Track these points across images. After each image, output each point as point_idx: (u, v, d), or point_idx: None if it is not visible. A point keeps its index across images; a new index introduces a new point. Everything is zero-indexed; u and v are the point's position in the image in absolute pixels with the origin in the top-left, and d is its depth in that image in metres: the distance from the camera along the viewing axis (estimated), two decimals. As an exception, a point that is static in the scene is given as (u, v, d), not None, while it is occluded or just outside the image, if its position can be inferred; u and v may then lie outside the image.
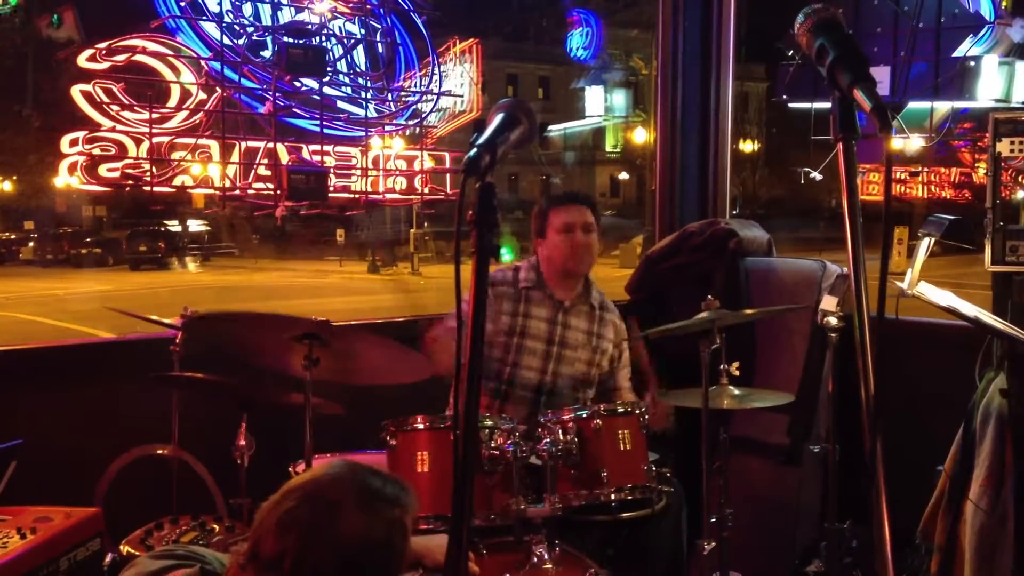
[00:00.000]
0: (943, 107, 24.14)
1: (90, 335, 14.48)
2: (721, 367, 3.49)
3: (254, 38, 5.62)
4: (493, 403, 3.75)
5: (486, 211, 1.40)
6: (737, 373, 3.55)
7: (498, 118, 1.56)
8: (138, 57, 5.17)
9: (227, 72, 5.40)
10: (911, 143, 23.39)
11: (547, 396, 3.81)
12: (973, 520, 3.45)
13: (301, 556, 1.74)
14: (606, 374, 3.99)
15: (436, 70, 6.37)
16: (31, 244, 35.81)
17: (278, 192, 5.36)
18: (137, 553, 3.18)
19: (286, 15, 5.77)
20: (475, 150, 1.46)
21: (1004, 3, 23.30)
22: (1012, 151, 3.68)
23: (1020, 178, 3.86)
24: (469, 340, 1.38)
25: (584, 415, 3.13)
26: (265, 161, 5.42)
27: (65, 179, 5.05)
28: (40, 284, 26.86)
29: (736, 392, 3.49)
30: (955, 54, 23.63)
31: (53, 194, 31.49)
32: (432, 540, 2.62)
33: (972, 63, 23.07)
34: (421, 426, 3.07)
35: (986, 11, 23.75)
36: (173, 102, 5.28)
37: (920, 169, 28.32)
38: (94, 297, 22.69)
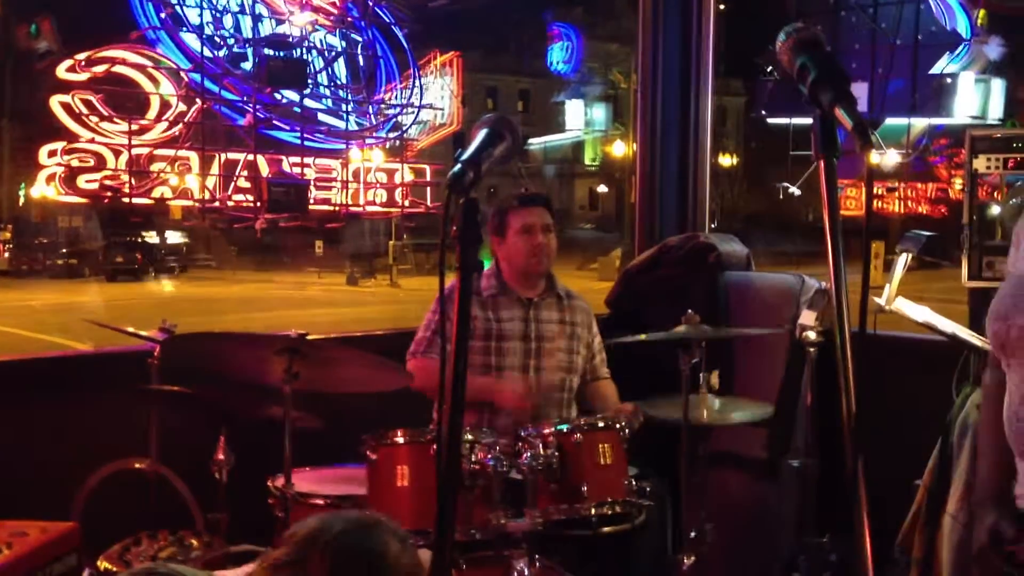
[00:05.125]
0: (920, 123, 24.40)
1: (67, 347, 14.37)
2: (701, 375, 3.51)
3: (235, 50, 5.63)
4: (482, 416, 3.73)
5: (470, 227, 1.41)
6: (717, 384, 3.57)
7: (482, 133, 1.56)
8: (117, 68, 5.17)
9: (207, 84, 5.40)
10: (888, 159, 23.60)
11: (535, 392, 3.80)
12: (951, 534, 3.47)
13: None
14: (586, 360, 4.00)
15: (417, 83, 6.39)
16: (6, 255, 35.54)
17: (258, 204, 5.36)
18: (115, 569, 3.15)
19: (267, 27, 5.78)
20: (459, 166, 1.46)
21: (980, 21, 23.58)
22: (988, 167, 3.72)
23: (996, 194, 3.90)
24: (453, 355, 1.38)
25: (565, 429, 3.13)
26: (245, 173, 5.41)
27: (42, 190, 5.02)
28: (15, 295, 26.65)
29: (715, 404, 3.50)
30: (932, 71, 23.90)
31: (30, 204, 31.30)
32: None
33: (949, 80, 23.33)
34: (401, 440, 3.06)
35: (963, 29, 24.03)
36: (153, 114, 5.28)
37: (897, 184, 28.57)
38: (70, 308, 22.52)
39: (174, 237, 36.95)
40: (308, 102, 5.87)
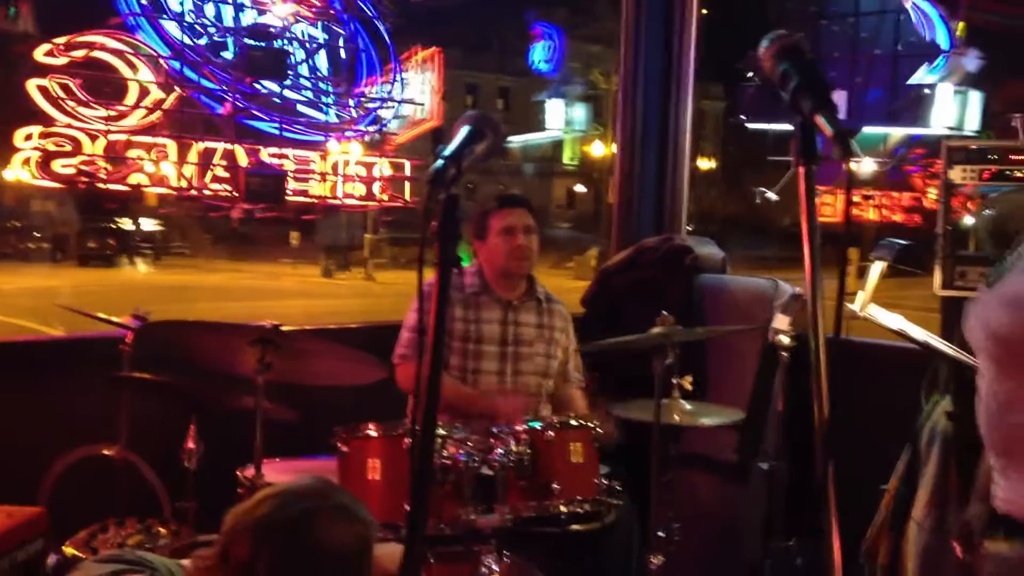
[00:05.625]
0: (897, 133, 24.58)
1: (38, 331, 14.24)
2: (673, 380, 3.52)
3: (215, 39, 5.60)
4: (455, 417, 3.72)
5: (450, 223, 1.41)
6: (690, 387, 3.58)
7: (464, 130, 1.56)
8: (96, 53, 5.13)
9: (187, 72, 5.37)
10: (865, 166, 23.75)
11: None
12: (916, 540, 3.50)
13: (275, 561, 1.72)
14: (561, 364, 4.01)
15: (398, 77, 6.38)
16: (-22, 238, 35.17)
17: (235, 194, 5.33)
18: (81, 556, 3.14)
19: (248, 17, 5.75)
20: (441, 161, 1.46)
21: (960, 33, 23.76)
22: (963, 178, 3.76)
23: (970, 204, 3.94)
24: (430, 349, 1.39)
25: (538, 427, 3.13)
26: (223, 163, 5.39)
27: (17, 173, 4.98)
28: (-14, 278, 26.37)
29: (687, 407, 3.52)
30: (910, 81, 24.06)
31: (3, 187, 30.99)
32: (382, 548, 2.60)
33: (927, 91, 23.49)
34: (374, 433, 3.06)
35: (942, 40, 24.20)
36: (131, 100, 5.24)
37: (873, 192, 28.74)
38: (42, 293, 22.31)
39: (148, 224, 36.62)
40: (288, 93, 5.84)
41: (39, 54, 4.95)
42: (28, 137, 4.88)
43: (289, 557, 1.73)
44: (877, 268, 3.74)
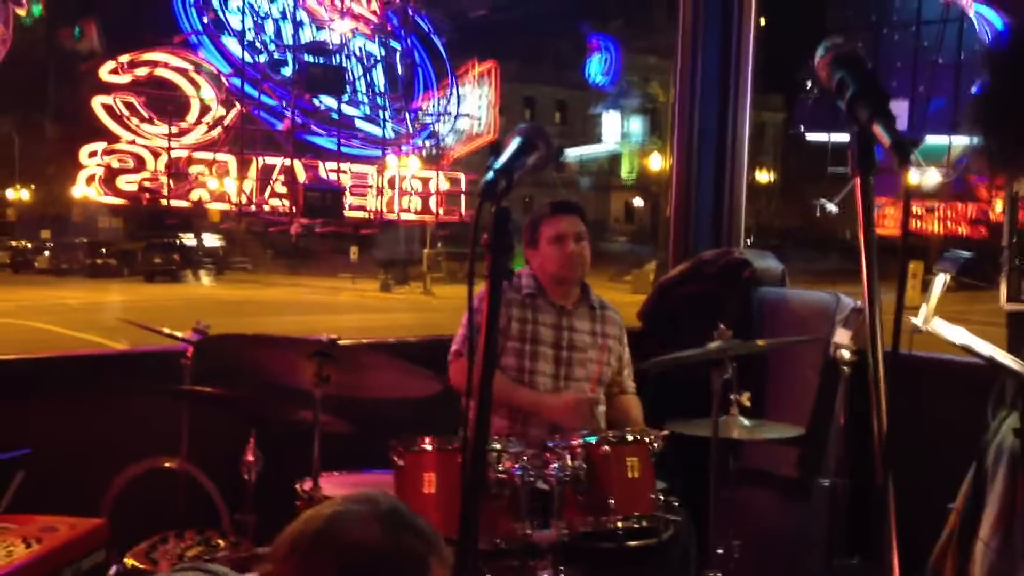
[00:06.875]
0: (961, 143, 24.17)
1: (102, 345, 14.51)
2: (732, 397, 3.48)
3: (275, 56, 5.67)
4: (514, 426, 3.72)
5: (500, 235, 1.40)
6: (748, 404, 3.53)
7: (515, 142, 1.56)
8: (159, 71, 5.22)
9: (247, 88, 5.44)
10: (928, 178, 23.38)
11: None
12: (983, 560, 3.41)
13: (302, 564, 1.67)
14: (615, 372, 3.99)
15: (454, 91, 6.40)
16: (47, 253, 35.97)
17: (294, 209, 5.39)
18: (141, 566, 3.18)
19: (307, 34, 5.82)
20: (491, 174, 1.46)
21: None
22: (1030, 189, 3.67)
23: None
24: (481, 361, 1.38)
25: (593, 441, 3.11)
26: (282, 178, 5.45)
27: (83, 190, 5.08)
28: (54, 293, 26.97)
29: (746, 423, 3.47)
30: (974, 90, 23.67)
31: (70, 204, 31.67)
32: None
33: (990, 99, 23.03)
34: (429, 447, 3.06)
35: (1006, 48, 23.74)
36: (192, 117, 5.33)
37: (936, 204, 28.27)
38: (107, 307, 22.76)
39: (210, 240, 37.23)
40: (346, 108, 5.90)
41: (104, 72, 5.06)
42: (93, 154, 4.99)
43: (315, 558, 1.66)
44: (940, 281, 3.66)
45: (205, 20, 5.47)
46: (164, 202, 5.23)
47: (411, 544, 1.67)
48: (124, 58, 5.10)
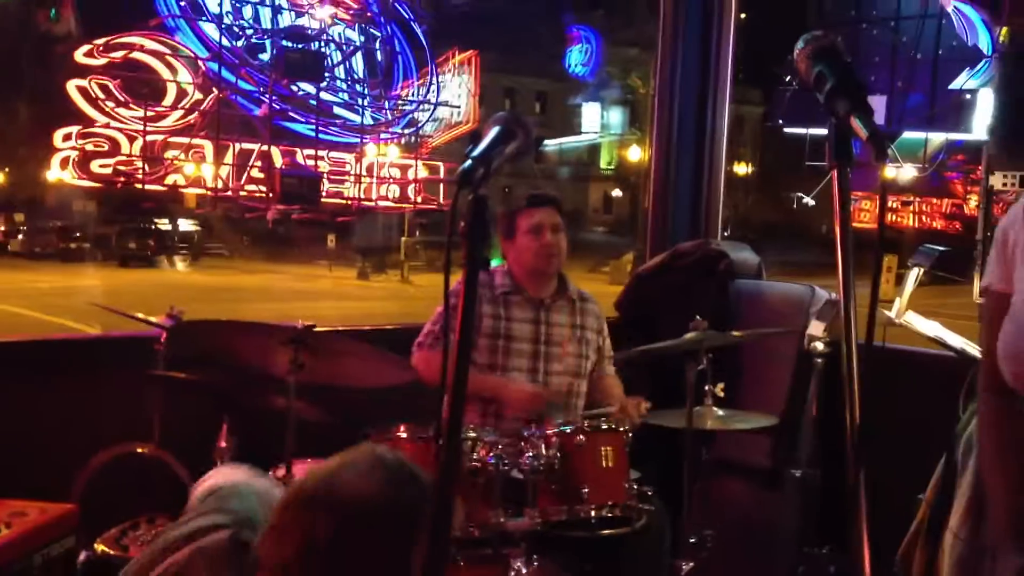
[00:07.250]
0: (938, 138, 24.33)
1: (74, 330, 14.40)
2: (706, 388, 3.49)
3: (253, 41, 5.63)
4: (487, 418, 3.71)
5: (478, 223, 1.39)
6: (722, 395, 3.55)
7: (494, 131, 1.55)
8: (135, 55, 5.19)
9: (224, 73, 5.41)
10: (904, 172, 23.52)
11: None
12: (952, 550, 3.44)
13: (297, 523, 1.65)
14: (594, 364, 3.99)
15: (434, 80, 6.38)
16: (20, 236, 35.65)
17: (270, 195, 5.36)
18: (111, 552, 3.16)
19: (286, 19, 5.79)
20: (469, 162, 1.45)
21: (1002, 37, 23.49)
22: (1004, 184, 3.70)
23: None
24: (456, 349, 1.37)
25: (568, 430, 3.12)
26: (259, 164, 5.41)
27: (57, 173, 5.04)
28: (26, 277, 26.73)
29: (720, 413, 3.49)
30: (952, 86, 23.82)
31: (45, 187, 31.39)
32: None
33: (968, 96, 23.22)
34: (404, 435, 3.06)
35: (984, 45, 23.94)
36: (169, 101, 5.29)
37: (912, 199, 28.48)
38: (80, 292, 22.57)
39: (186, 225, 36.98)
40: (324, 95, 5.86)
41: (79, 55, 5.02)
42: (67, 137, 4.96)
43: (309, 516, 1.64)
44: (914, 274, 3.69)
45: (182, 3, 5.43)
46: (139, 186, 5.18)
47: (411, 495, 1.70)
48: (100, 41, 5.05)
